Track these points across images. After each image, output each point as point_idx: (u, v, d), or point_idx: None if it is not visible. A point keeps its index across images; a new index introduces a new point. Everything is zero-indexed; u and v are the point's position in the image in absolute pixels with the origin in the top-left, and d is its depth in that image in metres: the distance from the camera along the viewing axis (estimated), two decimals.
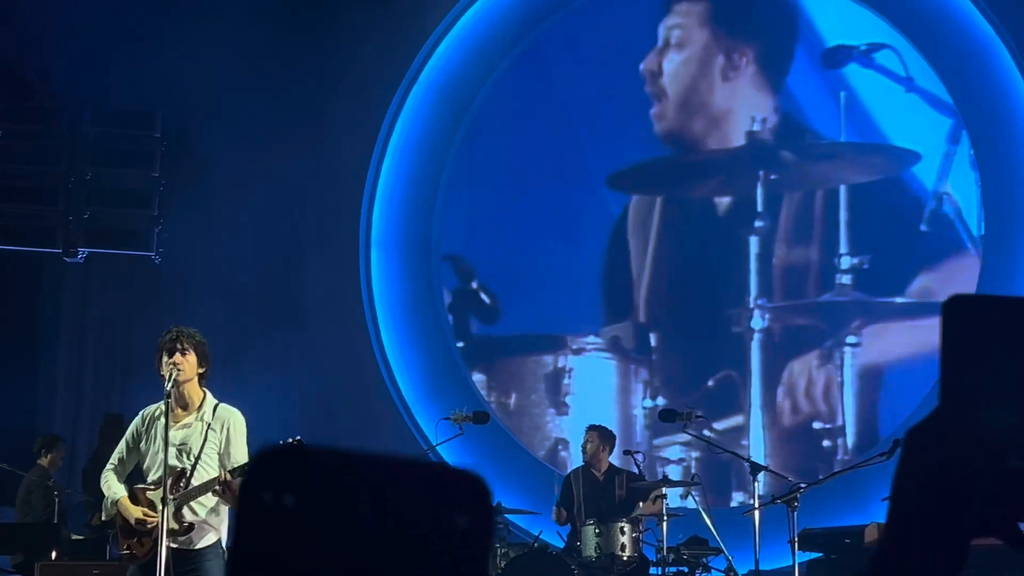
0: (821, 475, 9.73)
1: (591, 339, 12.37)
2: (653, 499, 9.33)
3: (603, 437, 10.01)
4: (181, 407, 6.50)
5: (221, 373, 6.99)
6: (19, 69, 11.56)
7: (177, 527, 6.35)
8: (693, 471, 11.13)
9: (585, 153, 12.53)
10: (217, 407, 6.51)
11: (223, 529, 6.48)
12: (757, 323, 12.05)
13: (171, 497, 6.29)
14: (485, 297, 12.64)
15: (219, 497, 6.36)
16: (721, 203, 12.40)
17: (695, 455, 11.84)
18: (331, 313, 12.10)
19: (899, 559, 1.05)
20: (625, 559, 9.11)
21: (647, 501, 9.45)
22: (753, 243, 12.17)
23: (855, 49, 12.19)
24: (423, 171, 12.69)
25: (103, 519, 7.01)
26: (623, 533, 9.13)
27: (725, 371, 12.06)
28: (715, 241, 12.29)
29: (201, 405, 6.50)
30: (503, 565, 9.18)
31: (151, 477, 6.50)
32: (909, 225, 11.93)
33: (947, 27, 11.93)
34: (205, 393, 6.55)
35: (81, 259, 11.93)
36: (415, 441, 11.79)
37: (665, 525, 9.04)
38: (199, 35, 11.36)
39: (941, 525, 1.03)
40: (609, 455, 10.00)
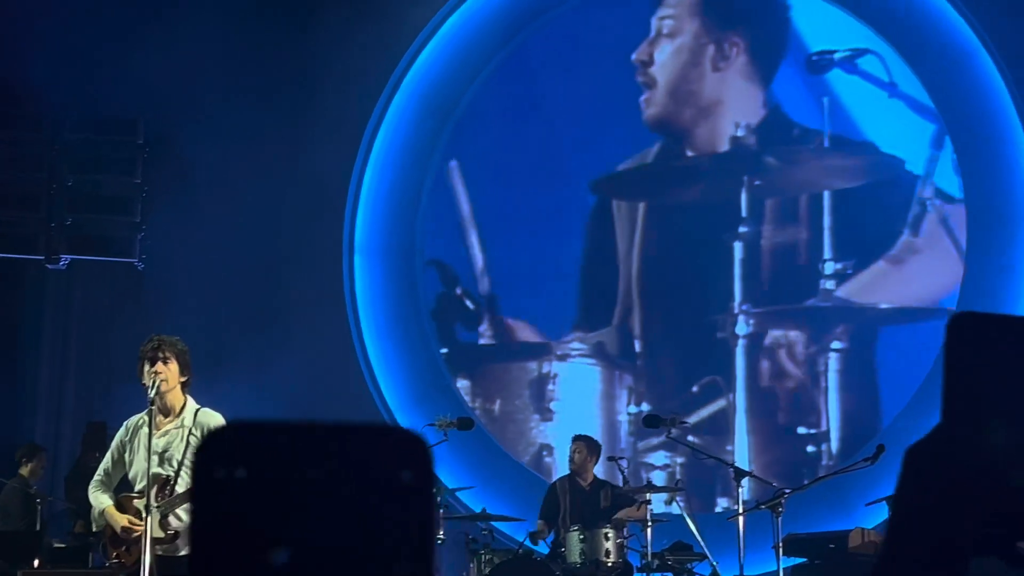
0: (806, 480, 9.75)
1: (576, 345, 12.36)
2: (637, 505, 9.34)
3: (590, 448, 10.05)
4: (163, 414, 6.47)
5: (205, 379, 6.97)
6: (0, 76, 11.49)
7: (163, 535, 6.32)
8: (678, 477, 11.13)
9: (569, 158, 12.52)
10: (198, 412, 6.47)
11: None
12: (742, 328, 12.05)
13: (155, 505, 6.26)
14: (469, 303, 12.62)
15: None
16: (706, 208, 12.39)
17: (680, 460, 11.84)
18: (314, 319, 12.06)
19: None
20: (610, 565, 9.11)
21: (631, 507, 9.46)
22: (737, 249, 12.18)
23: (838, 54, 12.21)
24: (407, 176, 12.67)
25: (93, 530, 6.98)
26: (607, 539, 9.13)
27: (710, 376, 12.07)
28: (699, 247, 12.29)
29: (181, 411, 6.47)
30: (488, 572, 9.17)
31: (138, 486, 6.47)
32: (893, 230, 11.95)
33: (929, 33, 11.96)
34: (186, 399, 6.52)
35: (63, 266, 11.89)
36: None
37: (649, 531, 9.03)
38: (181, 42, 11.33)
39: (941, 543, 1.02)
40: (595, 465, 10.02)
